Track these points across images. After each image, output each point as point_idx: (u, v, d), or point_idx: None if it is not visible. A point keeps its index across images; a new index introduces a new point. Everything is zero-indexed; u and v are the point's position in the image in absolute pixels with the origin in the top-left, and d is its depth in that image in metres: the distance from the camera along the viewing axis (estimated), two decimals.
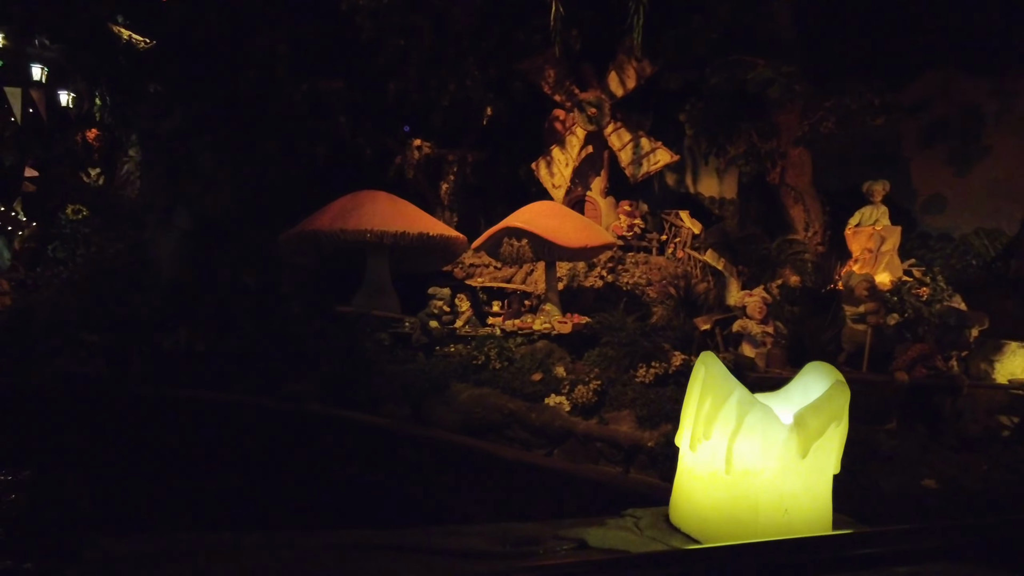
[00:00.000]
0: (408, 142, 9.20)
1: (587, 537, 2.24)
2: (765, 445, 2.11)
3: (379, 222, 7.37)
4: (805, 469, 2.12)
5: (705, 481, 2.22)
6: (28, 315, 9.69)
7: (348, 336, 7.63)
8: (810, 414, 2.12)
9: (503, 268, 9.61)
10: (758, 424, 2.13)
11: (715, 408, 2.18)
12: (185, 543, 2.26)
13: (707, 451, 2.21)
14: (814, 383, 2.32)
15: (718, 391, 2.19)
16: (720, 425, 2.18)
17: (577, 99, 9.87)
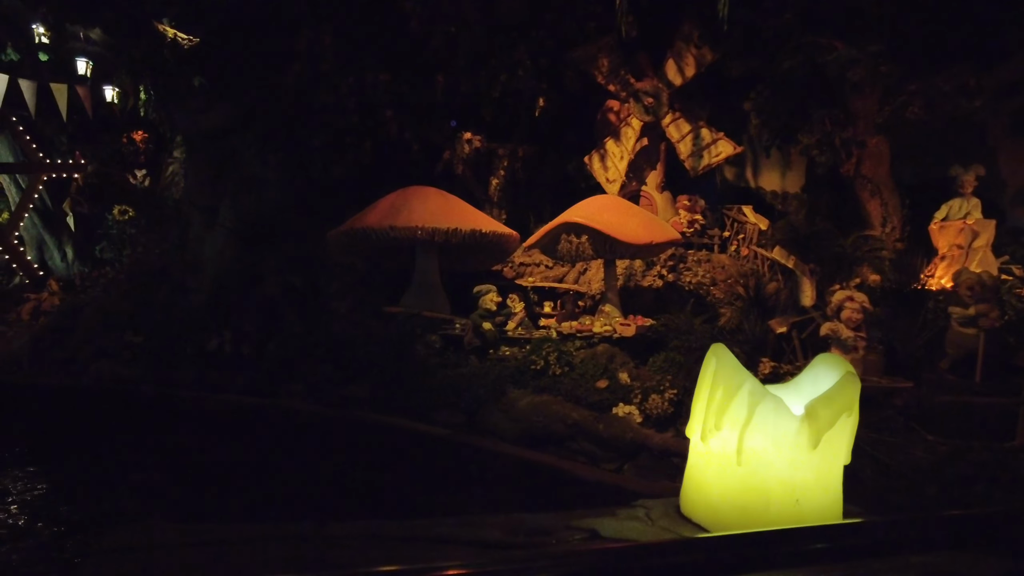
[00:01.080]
0: (457, 136, 8.83)
1: (599, 527, 2.25)
2: (776, 436, 2.09)
3: (430, 219, 7.01)
4: (816, 460, 2.11)
5: (716, 472, 2.21)
6: (75, 315, 9.61)
7: (398, 338, 7.29)
8: (821, 405, 2.11)
9: (554, 267, 9.17)
10: (769, 415, 2.12)
11: (726, 399, 2.17)
12: (201, 533, 2.30)
13: (718, 442, 2.20)
14: (824, 374, 2.30)
15: (729, 382, 2.19)
16: (731, 416, 2.17)
17: (633, 89, 9.38)
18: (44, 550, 4.74)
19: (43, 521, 5.34)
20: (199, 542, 2.25)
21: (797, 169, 10.52)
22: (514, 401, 5.94)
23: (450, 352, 7.22)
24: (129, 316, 8.72)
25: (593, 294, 8.73)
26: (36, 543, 4.90)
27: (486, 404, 6.10)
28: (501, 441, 5.72)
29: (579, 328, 6.77)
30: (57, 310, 9.70)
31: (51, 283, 10.81)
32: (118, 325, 8.80)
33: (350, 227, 7.32)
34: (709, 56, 9.20)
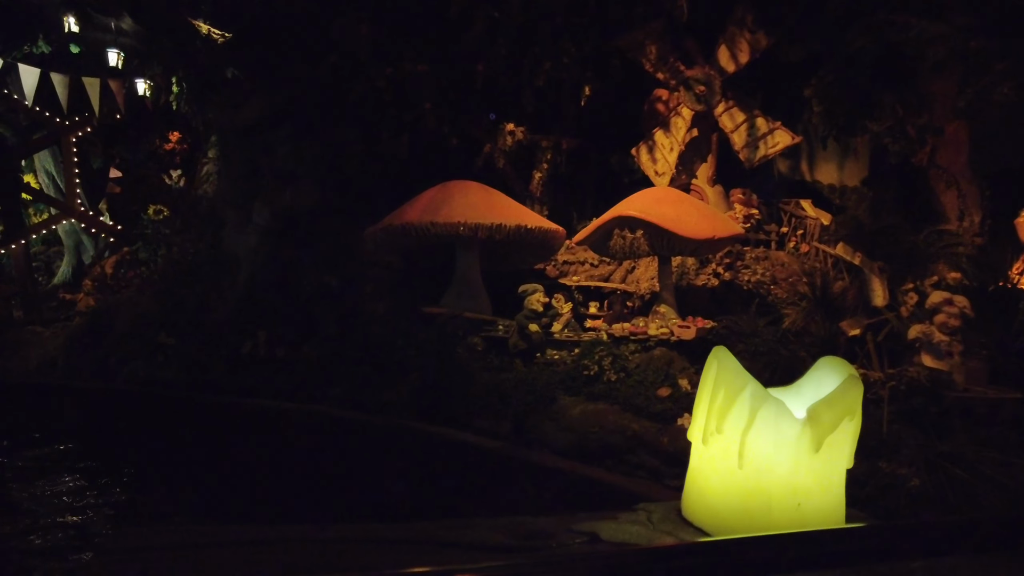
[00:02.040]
0: (499, 127, 8.42)
1: (600, 531, 2.23)
2: (778, 439, 2.07)
3: (472, 214, 6.60)
4: (818, 463, 2.09)
5: (718, 475, 2.18)
6: (109, 316, 9.44)
7: (438, 340, 6.90)
8: (823, 408, 2.09)
9: (600, 265, 8.71)
10: (771, 418, 2.09)
11: (728, 402, 2.14)
12: (211, 535, 2.30)
13: (720, 445, 2.17)
14: (827, 377, 2.27)
15: (731, 385, 2.14)
16: (733, 419, 2.13)
17: (683, 77, 8.86)
18: (58, 551, 4.54)
19: (62, 523, 5.11)
20: (203, 544, 2.22)
21: (856, 160, 9.89)
22: (565, 409, 5.50)
23: (493, 355, 6.81)
24: (162, 317, 8.50)
25: (642, 294, 8.25)
26: (51, 544, 4.67)
27: (534, 412, 5.67)
28: (551, 452, 5.28)
29: (633, 330, 6.30)
30: (91, 310, 9.54)
31: (86, 283, 10.69)
32: (151, 326, 8.59)
33: (388, 224, 6.96)
34: (764, 41, 8.66)
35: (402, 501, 5.53)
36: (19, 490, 6.16)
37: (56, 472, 6.56)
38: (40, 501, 5.94)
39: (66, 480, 6.33)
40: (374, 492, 5.22)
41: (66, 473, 6.54)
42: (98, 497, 6.03)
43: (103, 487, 6.24)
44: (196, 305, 8.40)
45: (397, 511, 4.97)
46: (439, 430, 5.82)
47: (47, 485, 6.27)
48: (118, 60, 8.01)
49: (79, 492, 6.15)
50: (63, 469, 6.63)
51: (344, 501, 5.10)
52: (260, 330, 7.95)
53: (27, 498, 5.98)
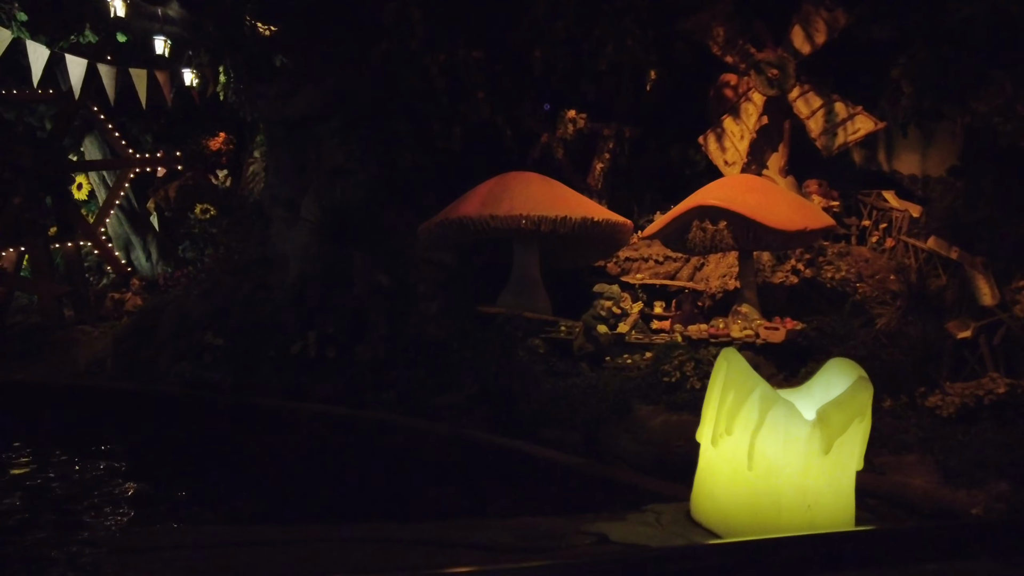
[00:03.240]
0: (560, 115, 7.94)
1: (609, 532, 2.23)
2: (788, 441, 2.07)
3: (535, 207, 6.14)
4: (828, 465, 2.08)
5: (727, 477, 2.18)
6: (156, 316, 9.26)
7: (497, 342, 6.46)
8: (833, 410, 2.09)
9: (665, 262, 8.16)
10: (781, 420, 2.09)
11: (737, 404, 2.13)
12: (220, 535, 2.41)
13: (729, 447, 2.16)
14: (836, 379, 2.29)
15: (740, 387, 2.15)
16: (742, 421, 2.13)
17: (754, 60, 8.26)
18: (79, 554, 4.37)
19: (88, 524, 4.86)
20: (218, 543, 2.23)
21: (941, 148, 9.12)
22: (643, 420, 5.00)
23: (557, 358, 6.35)
24: (209, 317, 8.26)
25: (712, 292, 7.68)
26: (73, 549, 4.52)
27: (607, 422, 5.18)
28: (630, 468, 4.79)
29: (712, 332, 5.76)
30: (139, 310, 9.39)
31: (134, 282, 10.59)
32: (198, 326, 8.36)
33: (444, 218, 6.55)
34: (843, 19, 8.02)
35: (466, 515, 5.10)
36: (50, 493, 5.94)
37: (92, 478, 6.33)
38: (69, 502, 5.73)
39: (102, 486, 6.09)
40: (443, 511, 4.80)
41: (102, 479, 6.30)
42: (133, 505, 5.77)
43: (141, 493, 5.97)
44: (244, 304, 8.14)
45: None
46: (503, 441, 5.37)
47: (79, 490, 6.05)
48: (165, 48, 7.82)
49: (114, 499, 5.91)
50: (101, 475, 6.40)
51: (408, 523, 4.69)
52: (310, 330, 7.63)
53: (55, 500, 5.78)
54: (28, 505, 5.64)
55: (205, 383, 7.97)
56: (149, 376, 8.50)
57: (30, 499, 5.82)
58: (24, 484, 6.22)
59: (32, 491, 6.01)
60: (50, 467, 6.83)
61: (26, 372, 9.25)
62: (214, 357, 8.08)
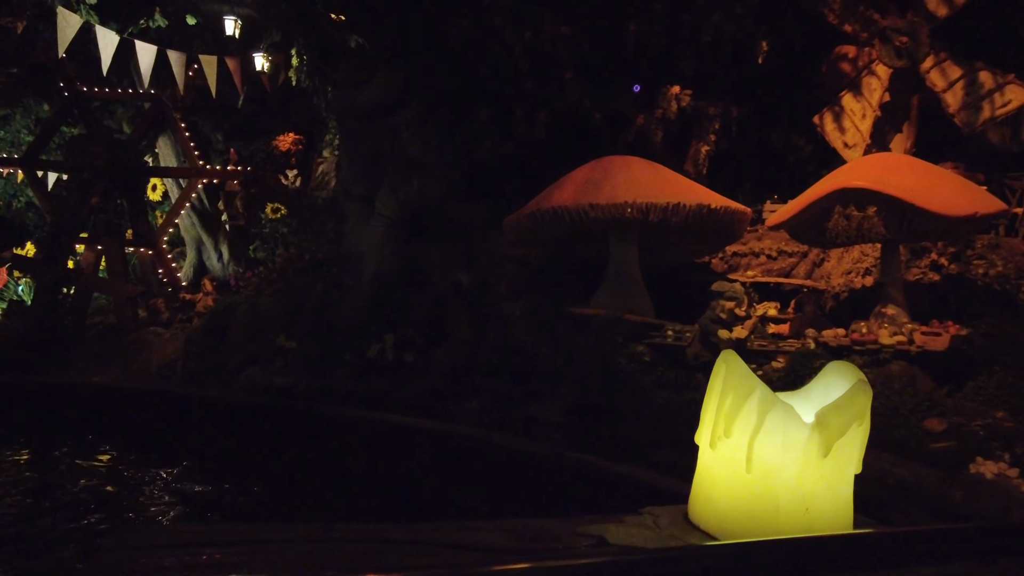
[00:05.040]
0: (661, 92, 7.15)
1: (606, 534, 2.25)
2: (786, 444, 2.10)
3: (642, 193, 5.38)
4: (827, 469, 2.12)
5: (725, 479, 2.21)
6: (227, 317, 8.93)
7: (595, 348, 5.73)
8: (832, 413, 2.11)
9: (778, 258, 7.26)
10: (779, 423, 2.12)
11: (736, 406, 2.16)
12: (211, 534, 2.34)
13: (727, 449, 2.19)
14: (835, 382, 2.30)
15: (739, 389, 2.18)
16: (741, 423, 2.16)
17: (878, 27, 7.26)
18: None
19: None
20: (208, 542, 2.22)
21: None
22: None
23: (665, 368, 5.57)
24: (282, 319, 7.83)
25: (835, 291, 6.76)
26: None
27: None
28: None
29: (857, 338, 4.87)
30: (210, 312, 9.09)
31: (205, 283, 10.36)
32: (270, 328, 7.94)
33: (535, 210, 5.86)
34: None
35: None
36: (103, 500, 5.59)
37: (148, 490, 5.96)
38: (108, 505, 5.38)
39: (154, 499, 5.69)
40: None
41: (155, 493, 5.91)
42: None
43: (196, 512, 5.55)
44: (317, 306, 7.67)
45: None
46: (610, 466, 4.62)
47: (133, 500, 5.67)
48: (235, 28, 7.45)
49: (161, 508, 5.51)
50: (154, 486, 6.02)
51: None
52: (387, 333, 7.08)
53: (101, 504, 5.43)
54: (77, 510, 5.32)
55: (277, 388, 7.55)
56: (219, 380, 8.15)
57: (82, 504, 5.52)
58: (81, 489, 5.93)
59: (90, 497, 5.71)
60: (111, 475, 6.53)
61: (102, 374, 9.09)
62: (286, 361, 7.64)
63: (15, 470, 6.59)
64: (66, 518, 5.26)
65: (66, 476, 6.47)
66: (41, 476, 6.50)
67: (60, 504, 5.56)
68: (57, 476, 6.50)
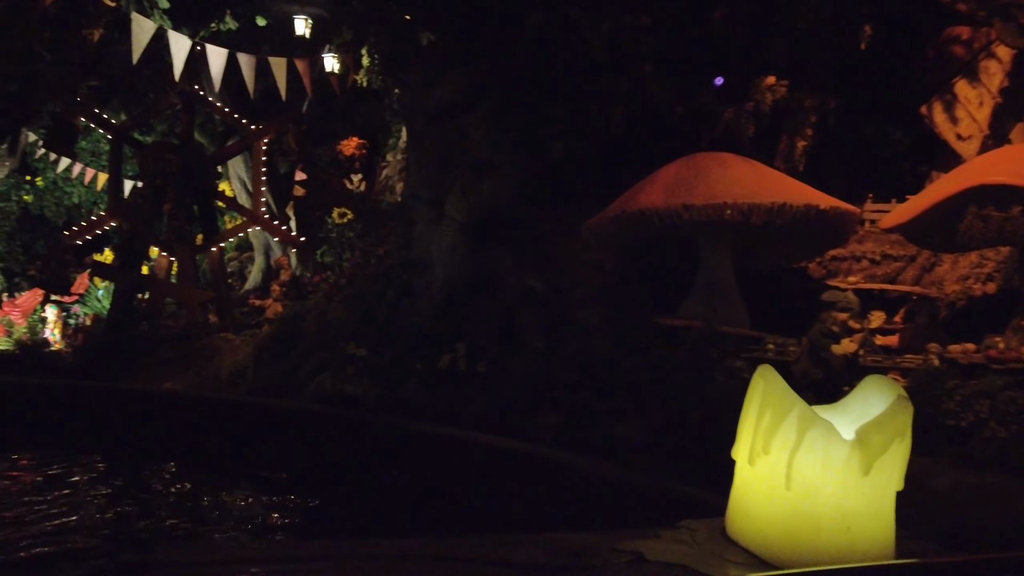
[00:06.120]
0: (754, 83, 6.63)
1: (644, 550, 2.21)
2: (826, 461, 2.07)
3: (742, 193, 4.91)
4: (868, 486, 2.08)
5: (764, 496, 2.18)
6: (296, 324, 8.85)
7: (686, 362, 5.28)
8: (873, 430, 2.07)
9: (882, 262, 6.64)
10: (819, 440, 2.09)
11: (774, 422, 2.14)
12: (250, 551, 2.47)
13: (766, 466, 2.16)
14: (874, 397, 2.25)
15: (778, 405, 2.16)
16: (780, 440, 2.13)
17: (998, 4, 6.54)
18: None
19: None
20: (266, 559, 2.26)
21: None
22: (921, 478, 3.64)
23: None
24: (352, 326, 7.66)
25: (950, 300, 6.10)
26: None
27: None
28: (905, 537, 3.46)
29: (994, 355, 4.28)
30: (280, 318, 9.02)
31: (274, 288, 10.34)
32: (340, 336, 7.78)
33: (620, 211, 5.45)
34: None
35: None
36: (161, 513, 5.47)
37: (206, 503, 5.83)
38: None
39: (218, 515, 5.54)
40: None
41: (217, 506, 5.77)
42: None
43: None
44: (388, 313, 7.46)
45: None
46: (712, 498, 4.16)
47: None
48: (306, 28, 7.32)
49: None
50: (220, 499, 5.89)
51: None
52: (459, 341, 6.80)
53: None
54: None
55: (347, 397, 7.38)
56: (290, 387, 8.04)
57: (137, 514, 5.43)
58: (146, 499, 5.87)
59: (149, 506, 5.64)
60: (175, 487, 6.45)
61: (174, 380, 9.14)
62: (356, 369, 7.45)
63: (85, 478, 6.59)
64: (128, 529, 5.19)
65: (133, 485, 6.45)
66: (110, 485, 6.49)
67: (124, 514, 5.50)
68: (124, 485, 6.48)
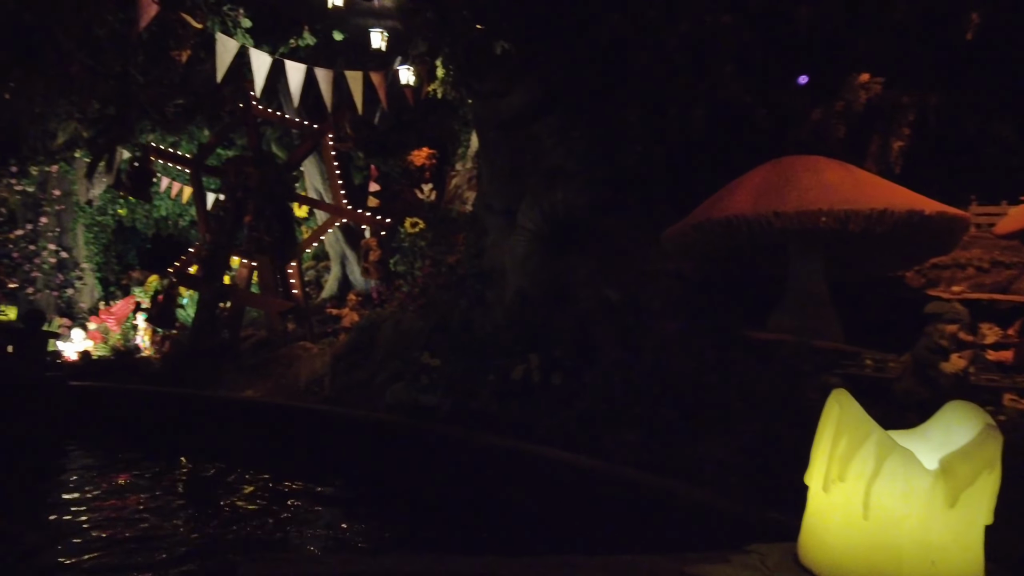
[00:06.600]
0: (846, 81, 6.26)
1: (714, 575, 2.17)
2: (907, 492, 2.01)
3: (838, 199, 4.59)
4: (954, 519, 2.01)
5: (840, 524, 2.14)
6: (373, 333, 8.93)
7: (776, 378, 4.98)
8: (959, 461, 1.99)
9: (991, 269, 6.12)
10: (899, 469, 2.03)
11: (851, 449, 2.10)
12: (328, 567, 2.37)
13: (841, 493, 2.13)
14: (957, 425, 2.20)
15: (854, 432, 2.12)
16: (856, 467, 2.09)
17: None
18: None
19: None
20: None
21: None
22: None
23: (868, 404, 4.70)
24: (427, 335, 7.66)
25: None
26: None
27: None
28: None
29: None
30: (356, 328, 9.14)
31: (350, 297, 10.50)
32: (415, 345, 7.80)
33: (704, 220, 5.20)
34: None
35: None
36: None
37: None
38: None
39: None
40: None
41: (299, 519, 5.78)
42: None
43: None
44: (460, 322, 7.42)
45: None
46: None
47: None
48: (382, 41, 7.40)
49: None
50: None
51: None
52: (532, 353, 6.68)
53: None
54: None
55: (421, 407, 7.37)
56: (365, 396, 8.12)
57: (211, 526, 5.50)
58: (228, 509, 5.95)
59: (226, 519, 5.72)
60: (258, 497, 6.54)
61: (254, 388, 9.38)
62: (431, 379, 7.44)
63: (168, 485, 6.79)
64: (211, 535, 5.28)
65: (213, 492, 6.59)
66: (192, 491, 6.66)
67: (205, 523, 5.60)
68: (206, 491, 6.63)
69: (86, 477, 7.03)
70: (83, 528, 5.36)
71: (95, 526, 5.39)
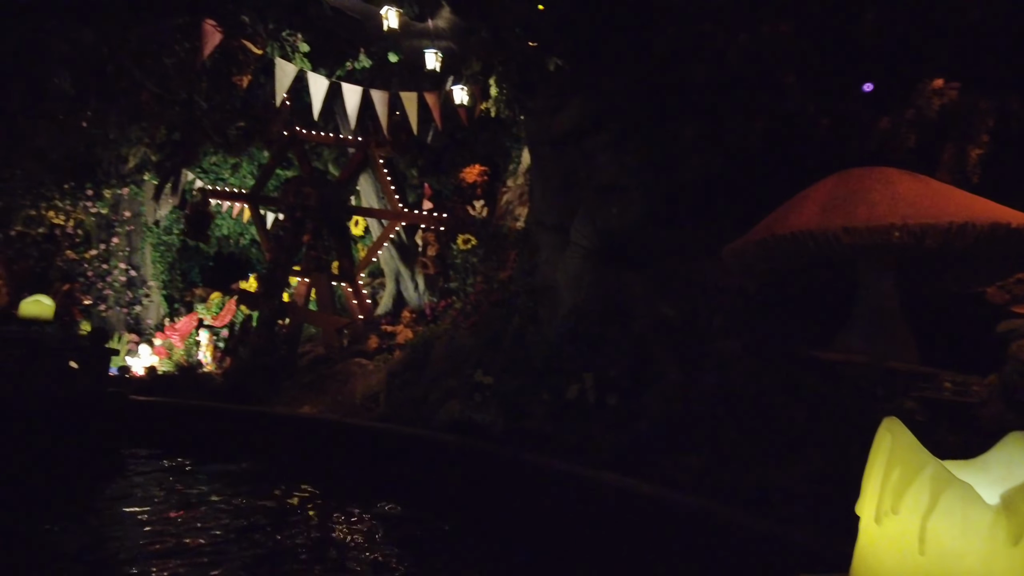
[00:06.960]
0: (917, 87, 5.97)
1: None
2: (966, 527, 1.72)
3: (913, 213, 4.34)
4: (1018, 557, 1.67)
5: (894, 559, 1.84)
6: (427, 350, 8.96)
7: (847, 401, 4.73)
8: (1021, 496, 1.66)
9: None
10: (957, 504, 1.73)
11: (904, 481, 1.81)
12: None
13: (894, 526, 1.84)
14: (1020, 456, 1.88)
15: (908, 463, 1.81)
16: (910, 501, 1.79)
17: None
18: None
19: None
20: None
21: None
22: None
23: (943, 431, 4.42)
24: (480, 353, 7.62)
25: None
26: None
27: None
28: None
29: None
30: (410, 345, 9.18)
31: (405, 314, 10.58)
32: (468, 363, 7.77)
33: (768, 235, 5.00)
34: None
35: None
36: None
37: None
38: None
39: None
40: None
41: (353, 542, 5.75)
42: None
43: None
44: (513, 340, 7.36)
45: None
46: None
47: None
48: (436, 62, 7.50)
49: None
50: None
51: None
52: (587, 372, 6.56)
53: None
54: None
55: (474, 425, 7.32)
56: (419, 413, 8.13)
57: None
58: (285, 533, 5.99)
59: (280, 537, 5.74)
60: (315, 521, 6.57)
61: (311, 404, 9.52)
62: (483, 397, 7.40)
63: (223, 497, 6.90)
64: (261, 551, 5.32)
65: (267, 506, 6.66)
66: (247, 505, 6.74)
67: (257, 533, 5.66)
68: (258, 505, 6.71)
69: (145, 489, 7.23)
70: (144, 539, 5.49)
71: (155, 539, 5.52)
